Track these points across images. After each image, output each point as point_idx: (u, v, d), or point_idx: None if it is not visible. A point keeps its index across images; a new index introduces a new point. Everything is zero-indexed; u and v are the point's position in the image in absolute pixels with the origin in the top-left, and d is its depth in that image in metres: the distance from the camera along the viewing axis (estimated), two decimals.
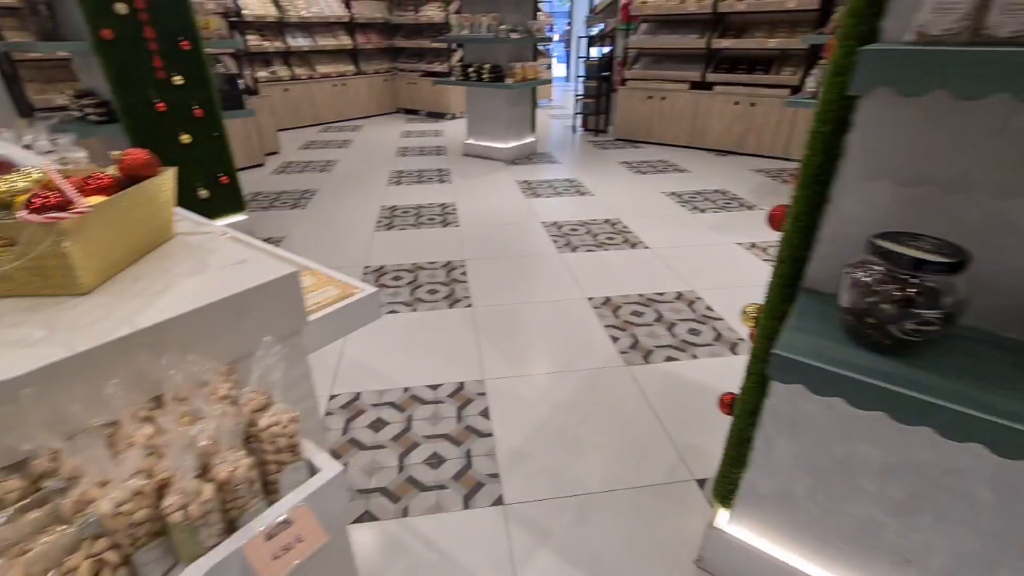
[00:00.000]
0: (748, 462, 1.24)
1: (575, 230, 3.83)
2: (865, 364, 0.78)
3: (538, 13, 6.58)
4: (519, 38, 5.16)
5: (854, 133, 0.86)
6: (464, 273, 3.15)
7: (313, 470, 0.72)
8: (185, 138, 3.14)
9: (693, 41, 5.93)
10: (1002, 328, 0.85)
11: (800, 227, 0.96)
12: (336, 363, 2.28)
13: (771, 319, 1.05)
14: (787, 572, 1.25)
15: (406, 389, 2.12)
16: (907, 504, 1.05)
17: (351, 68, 8.52)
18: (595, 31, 7.05)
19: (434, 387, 2.13)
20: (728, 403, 1.30)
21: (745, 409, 1.20)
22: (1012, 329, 0.84)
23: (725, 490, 1.32)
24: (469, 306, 2.77)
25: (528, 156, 6.09)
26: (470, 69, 5.43)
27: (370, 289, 1.18)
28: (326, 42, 8.10)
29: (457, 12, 5.48)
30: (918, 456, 0.99)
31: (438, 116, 8.75)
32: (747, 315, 1.22)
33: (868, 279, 0.78)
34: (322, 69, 8.12)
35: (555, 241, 3.63)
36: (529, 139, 6.10)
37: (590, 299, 2.83)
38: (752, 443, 1.22)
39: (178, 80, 3.01)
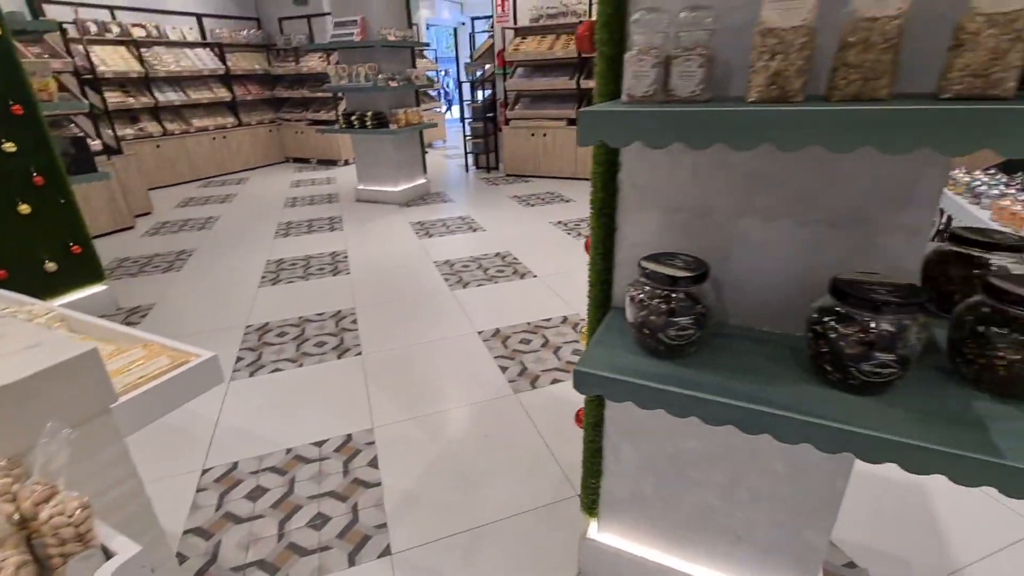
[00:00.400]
0: (603, 470, 1.34)
1: (467, 266, 3.92)
2: (648, 370, 0.90)
3: (419, 60, 6.81)
4: (398, 86, 5.29)
5: (622, 172, 1.01)
6: (355, 321, 3.10)
7: (109, 556, 0.69)
8: (24, 209, 2.85)
9: (564, 82, 6.43)
10: (759, 323, 1.01)
11: (600, 253, 1.09)
12: (210, 434, 2.14)
13: (592, 337, 1.16)
14: (651, 569, 1.35)
15: (289, 450, 2.03)
16: (728, 486, 1.19)
17: (231, 120, 8.21)
18: (477, 76, 7.41)
19: (319, 443, 2.06)
20: (581, 417, 1.40)
21: (591, 421, 1.30)
22: (765, 323, 1.01)
23: (590, 500, 1.41)
24: (359, 354, 2.72)
25: (422, 197, 6.18)
26: (353, 117, 5.47)
27: (207, 354, 1.15)
28: (200, 95, 7.76)
29: (336, 63, 5.53)
30: (727, 442, 1.14)
31: (330, 163, 8.64)
32: (584, 334, 1.33)
33: (641, 296, 0.91)
34: (199, 123, 7.74)
35: (447, 279, 3.69)
36: (421, 180, 6.20)
37: (480, 333, 2.90)
38: (603, 452, 1.32)
39: (10, 147, 2.75)
